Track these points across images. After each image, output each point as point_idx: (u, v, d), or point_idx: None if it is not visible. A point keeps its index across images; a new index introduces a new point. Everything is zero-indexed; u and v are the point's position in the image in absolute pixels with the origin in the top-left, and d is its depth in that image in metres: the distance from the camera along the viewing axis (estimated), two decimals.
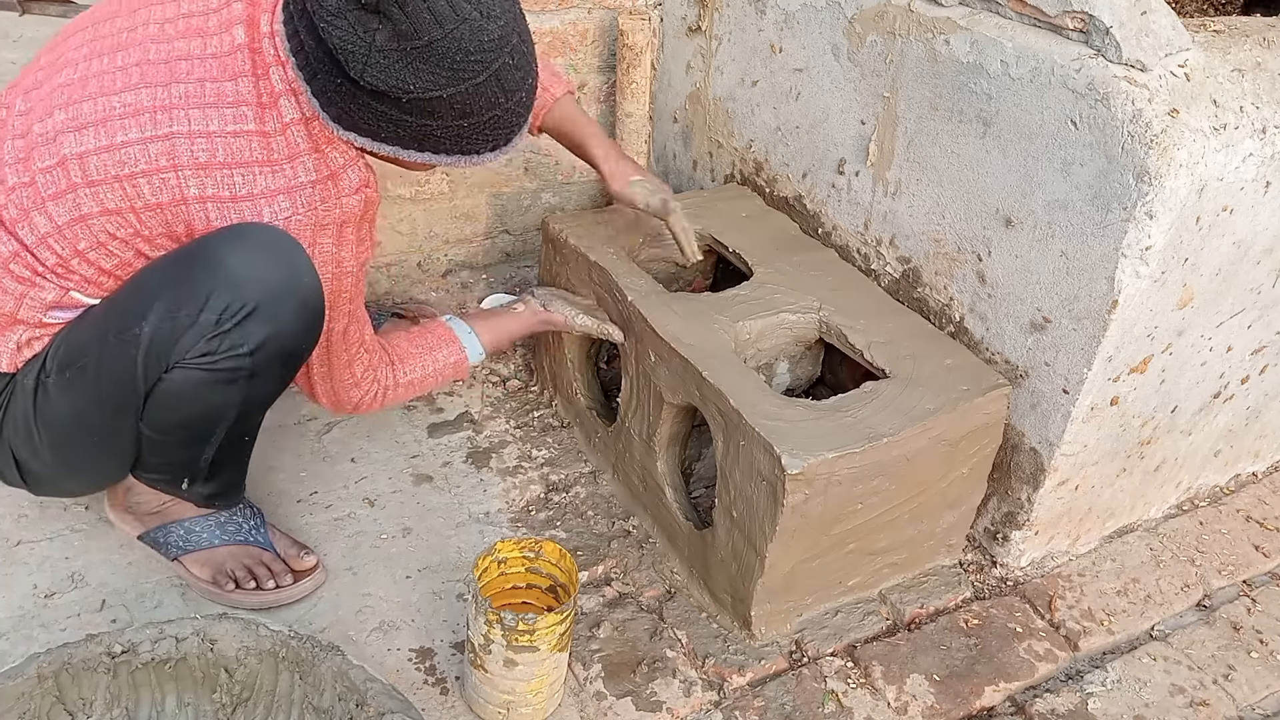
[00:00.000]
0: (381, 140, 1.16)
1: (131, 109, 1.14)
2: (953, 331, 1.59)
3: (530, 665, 1.24)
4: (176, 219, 1.17)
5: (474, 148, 1.19)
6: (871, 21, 1.60)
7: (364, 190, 1.23)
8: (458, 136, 1.16)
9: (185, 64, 1.16)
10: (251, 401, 1.28)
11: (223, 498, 1.44)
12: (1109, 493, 1.63)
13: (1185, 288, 1.39)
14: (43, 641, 1.34)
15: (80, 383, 1.23)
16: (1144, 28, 1.30)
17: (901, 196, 1.63)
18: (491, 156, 1.21)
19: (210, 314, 1.16)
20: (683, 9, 2.06)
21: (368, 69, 1.07)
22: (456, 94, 1.10)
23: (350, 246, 1.24)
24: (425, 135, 1.15)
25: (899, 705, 1.40)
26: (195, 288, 1.16)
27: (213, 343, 1.17)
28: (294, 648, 1.17)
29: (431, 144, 1.16)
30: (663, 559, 1.58)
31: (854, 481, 1.34)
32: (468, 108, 1.13)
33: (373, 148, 1.17)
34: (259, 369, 1.21)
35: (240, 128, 1.15)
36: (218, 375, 1.20)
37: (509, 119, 1.18)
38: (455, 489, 1.69)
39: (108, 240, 1.18)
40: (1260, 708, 1.46)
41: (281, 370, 1.26)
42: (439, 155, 1.18)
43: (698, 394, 1.44)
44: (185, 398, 1.22)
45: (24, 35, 1.80)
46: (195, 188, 1.14)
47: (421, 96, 1.09)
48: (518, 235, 2.30)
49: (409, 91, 1.08)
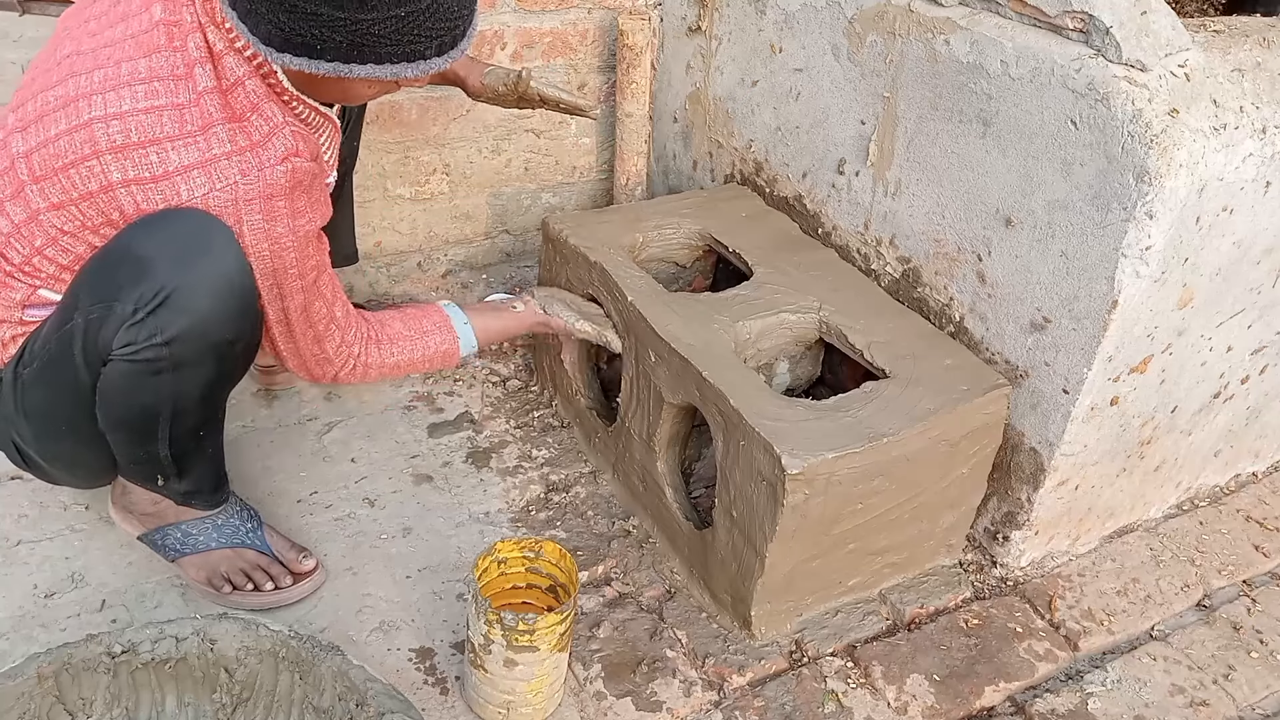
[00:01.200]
0: (319, 55, 1.08)
1: (60, 101, 1.15)
2: (953, 331, 1.59)
3: (530, 665, 1.24)
4: (110, 206, 1.15)
5: (417, 47, 1.10)
6: (871, 21, 1.60)
7: (290, 159, 1.16)
8: (398, 33, 1.07)
9: (107, 50, 1.16)
10: (185, 394, 1.24)
11: (200, 496, 1.43)
12: (1109, 493, 1.63)
13: (1185, 288, 1.39)
14: (43, 641, 1.34)
15: (43, 376, 1.24)
16: (1144, 28, 1.30)
17: (901, 196, 1.63)
18: (439, 61, 1.13)
19: (126, 304, 1.14)
20: (683, 9, 2.06)
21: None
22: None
23: (285, 220, 1.17)
24: (364, 36, 1.06)
25: (899, 705, 1.40)
26: (114, 278, 1.15)
27: (131, 332, 1.15)
28: (294, 648, 1.17)
29: (372, 46, 1.07)
30: (663, 559, 1.58)
31: (854, 481, 1.34)
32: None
33: (312, 68, 1.09)
34: (182, 359, 1.18)
35: (152, 103, 1.12)
36: (140, 367, 1.17)
37: (450, 8, 1.10)
38: (455, 489, 1.69)
39: (59, 236, 1.18)
40: (1260, 708, 1.46)
41: (214, 360, 1.21)
42: (382, 65, 1.09)
43: (698, 394, 1.44)
44: (119, 392, 1.21)
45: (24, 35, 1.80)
46: (118, 172, 1.12)
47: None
48: (518, 235, 2.30)
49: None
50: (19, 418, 1.29)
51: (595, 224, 1.76)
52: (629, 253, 1.71)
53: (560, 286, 1.76)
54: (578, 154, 2.27)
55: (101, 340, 1.17)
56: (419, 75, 1.13)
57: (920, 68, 1.53)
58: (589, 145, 2.27)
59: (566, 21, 2.08)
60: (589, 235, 1.71)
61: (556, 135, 2.21)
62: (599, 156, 2.29)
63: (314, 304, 1.29)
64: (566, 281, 1.74)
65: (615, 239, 1.72)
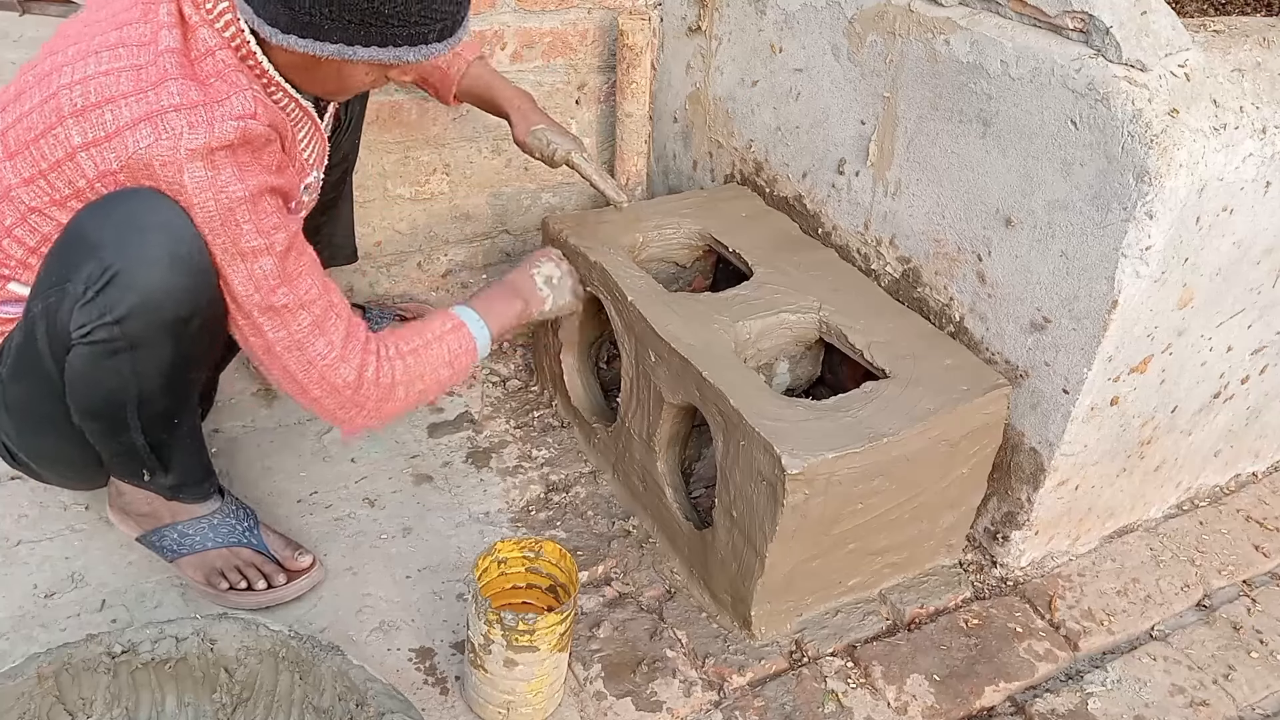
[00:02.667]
0: (324, 35, 1.11)
1: (37, 77, 1.16)
2: (953, 331, 1.59)
3: (530, 665, 1.24)
4: (75, 174, 1.14)
5: (421, 30, 1.13)
6: (871, 21, 1.60)
7: (245, 119, 1.14)
8: (406, 13, 1.11)
9: (88, 29, 1.17)
10: (147, 376, 1.21)
11: (188, 489, 1.42)
12: (1109, 493, 1.63)
13: (1185, 288, 1.39)
14: (43, 641, 1.34)
15: (18, 371, 1.25)
16: (1144, 28, 1.30)
17: (901, 196, 1.63)
18: (439, 46, 1.16)
19: (77, 284, 1.14)
20: (683, 9, 2.06)
21: None
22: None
23: (230, 170, 1.13)
24: (372, 16, 1.10)
25: (899, 705, 1.40)
26: (66, 260, 1.15)
27: (83, 313, 1.14)
28: (294, 648, 1.17)
29: (379, 27, 1.11)
30: (663, 559, 1.58)
31: (854, 481, 1.34)
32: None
33: (316, 49, 1.12)
34: (137, 338, 1.16)
35: (113, 65, 1.12)
36: (97, 349, 1.16)
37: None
38: (455, 489, 1.69)
39: (27, 213, 1.18)
40: (1260, 708, 1.46)
41: (169, 338, 1.19)
42: (385, 48, 1.13)
43: (698, 394, 1.44)
44: (82, 378, 1.20)
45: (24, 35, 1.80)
46: (79, 135, 1.12)
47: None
48: (518, 235, 2.30)
49: None
50: (4, 415, 1.30)
51: (595, 224, 1.76)
52: (629, 253, 1.71)
53: None
54: None
55: (59, 324, 1.17)
56: (419, 59, 1.16)
57: (920, 68, 1.53)
58: (589, 146, 2.26)
59: (566, 21, 2.08)
60: (589, 235, 1.71)
61: None
62: (599, 156, 2.29)
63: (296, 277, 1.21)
64: None
65: (615, 239, 1.72)
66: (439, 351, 1.36)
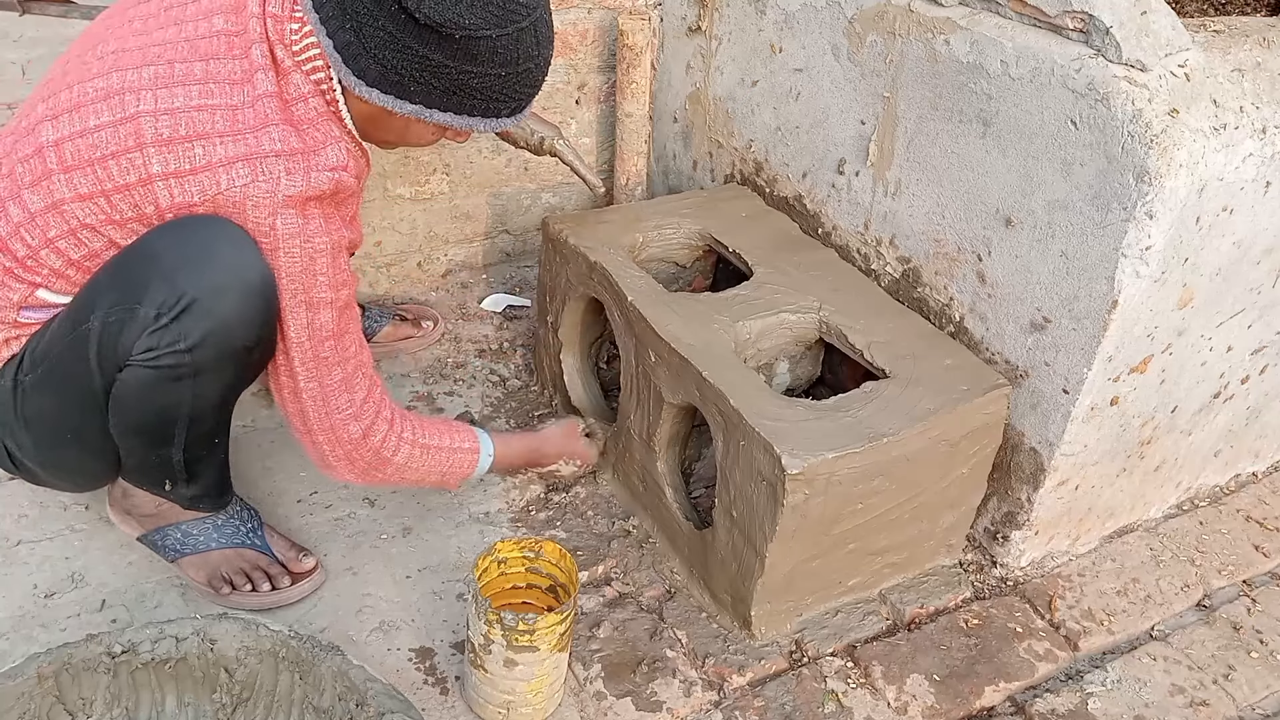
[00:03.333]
0: (409, 95, 1.13)
1: (103, 93, 1.14)
2: (953, 331, 1.59)
3: (530, 665, 1.24)
4: (145, 199, 1.14)
5: (498, 106, 1.18)
6: (871, 21, 1.60)
7: (339, 171, 1.17)
8: (489, 90, 1.15)
9: (158, 49, 1.16)
10: (203, 400, 1.24)
11: (207, 500, 1.43)
12: (1109, 493, 1.63)
13: (1185, 288, 1.39)
14: (43, 641, 1.34)
15: (49, 381, 1.23)
16: (1144, 28, 1.30)
17: (901, 196, 1.63)
18: (510, 120, 1.21)
19: (149, 308, 1.14)
20: (683, 9, 2.06)
21: (425, 1, 1.06)
22: (502, 37, 1.10)
23: (318, 221, 1.17)
24: (460, 87, 1.13)
25: (899, 705, 1.40)
26: (136, 281, 1.15)
27: (153, 338, 1.15)
28: (294, 648, 1.17)
29: (460, 97, 1.14)
30: (663, 559, 1.58)
31: (854, 481, 1.34)
32: (508, 55, 1.12)
33: (396, 106, 1.15)
34: (203, 365, 1.18)
35: (206, 102, 1.13)
36: (161, 373, 1.17)
37: (535, 76, 1.18)
38: (455, 489, 1.69)
39: (78, 228, 1.17)
40: (1260, 708, 1.46)
41: (233, 366, 1.21)
42: (462, 115, 1.17)
43: (698, 394, 1.44)
44: (136, 397, 1.21)
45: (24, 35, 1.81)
46: (159, 164, 1.12)
47: (473, 35, 1.09)
48: (518, 235, 2.30)
49: (463, 27, 1.08)
50: (18, 425, 1.28)
51: (595, 224, 1.76)
52: (629, 253, 1.71)
53: (560, 287, 1.75)
54: None
55: (121, 345, 1.16)
56: (488, 130, 1.20)
57: (920, 68, 1.53)
58: (589, 145, 2.26)
59: (566, 21, 2.08)
60: (589, 235, 1.71)
61: None
62: (599, 156, 2.29)
63: (345, 326, 1.26)
64: (567, 282, 1.73)
65: (615, 239, 1.72)
66: (444, 461, 1.42)
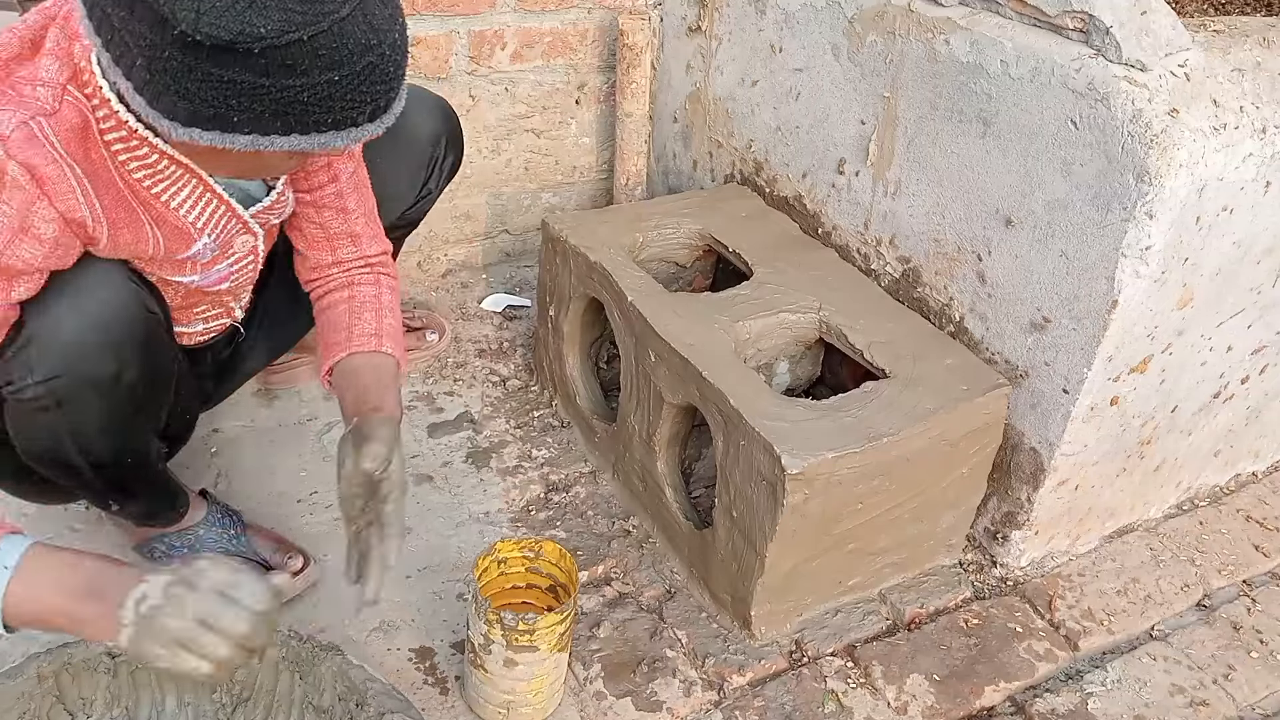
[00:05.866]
0: (235, 127, 0.91)
1: None
2: (953, 331, 1.59)
3: (530, 665, 1.24)
4: None
5: (350, 114, 0.94)
6: (871, 21, 1.60)
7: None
8: (329, 99, 0.91)
9: None
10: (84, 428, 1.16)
11: (159, 518, 1.41)
12: (1109, 493, 1.63)
13: (1185, 288, 1.39)
14: (43, 641, 1.34)
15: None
16: (1144, 28, 1.30)
17: (901, 196, 1.63)
18: (372, 128, 0.97)
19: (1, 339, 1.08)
20: (683, 9, 2.06)
21: (202, 18, 0.84)
22: (319, 35, 0.87)
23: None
24: (289, 104, 0.90)
25: (899, 705, 1.40)
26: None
27: (6, 369, 1.09)
28: (294, 648, 1.17)
29: (298, 115, 0.91)
30: (663, 559, 1.58)
31: (854, 481, 1.34)
32: (337, 55, 0.89)
33: (226, 143, 0.92)
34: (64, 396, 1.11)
35: None
36: (25, 404, 1.11)
37: (385, 69, 0.93)
38: (455, 489, 1.69)
39: None
40: (1260, 708, 1.46)
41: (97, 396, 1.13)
42: (309, 135, 0.93)
43: (698, 394, 1.44)
44: (17, 429, 1.16)
45: None
46: None
47: (277, 43, 0.86)
48: (518, 235, 2.30)
49: (260, 37, 0.85)
50: None
51: (595, 224, 1.76)
52: (629, 253, 1.71)
53: (560, 286, 1.75)
54: (578, 154, 2.27)
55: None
56: (348, 144, 0.97)
57: (920, 68, 1.53)
58: (589, 145, 2.27)
59: (566, 21, 2.08)
60: (589, 235, 1.71)
61: (557, 135, 2.21)
62: (599, 156, 2.29)
63: None
64: (567, 282, 1.74)
65: (615, 239, 1.72)
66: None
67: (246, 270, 1.32)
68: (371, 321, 1.33)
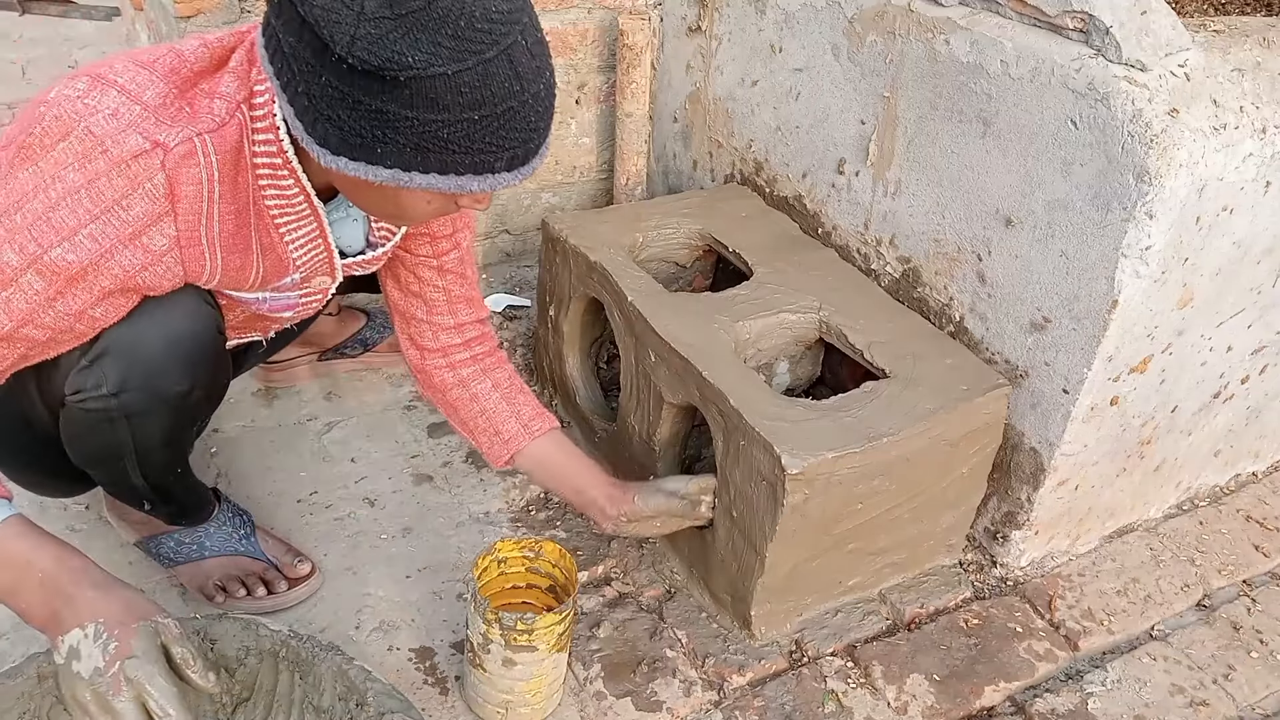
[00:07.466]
0: (378, 159, 0.94)
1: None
2: (953, 331, 1.59)
3: (529, 665, 1.24)
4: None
5: (488, 159, 0.95)
6: (871, 21, 1.60)
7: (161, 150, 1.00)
8: (469, 138, 0.93)
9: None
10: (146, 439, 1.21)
11: (187, 517, 1.43)
12: (1109, 493, 1.63)
13: (1185, 288, 1.39)
14: (43, 641, 1.33)
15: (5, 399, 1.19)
16: (1144, 28, 1.30)
17: (901, 196, 1.63)
18: (509, 176, 0.98)
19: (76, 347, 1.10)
20: (683, 9, 2.06)
21: (356, 42, 0.87)
22: (464, 72, 0.89)
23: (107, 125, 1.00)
24: (430, 139, 0.92)
25: (899, 705, 1.40)
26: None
27: (79, 378, 1.12)
28: (294, 648, 1.17)
29: (438, 153, 0.93)
30: (663, 559, 1.58)
31: (854, 481, 1.34)
32: (479, 94, 0.91)
33: (369, 175, 0.95)
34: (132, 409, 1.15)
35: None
36: (92, 415, 1.14)
37: (527, 117, 0.95)
38: (455, 489, 1.69)
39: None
40: (1260, 708, 1.46)
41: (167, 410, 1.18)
42: (447, 175, 0.95)
43: (698, 394, 1.44)
44: (78, 435, 1.19)
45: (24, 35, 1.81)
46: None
47: (423, 74, 0.88)
48: (518, 235, 2.30)
49: (407, 66, 0.88)
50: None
51: (595, 224, 1.76)
52: (629, 253, 1.71)
53: (560, 286, 1.75)
54: (578, 154, 2.27)
55: (55, 380, 1.13)
56: (485, 190, 0.98)
57: (920, 67, 1.53)
58: (589, 145, 2.27)
59: (566, 21, 2.08)
60: (589, 235, 1.71)
61: (557, 135, 2.21)
62: (599, 156, 2.29)
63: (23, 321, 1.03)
64: (567, 282, 1.73)
65: (615, 239, 1.72)
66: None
67: (312, 305, 1.34)
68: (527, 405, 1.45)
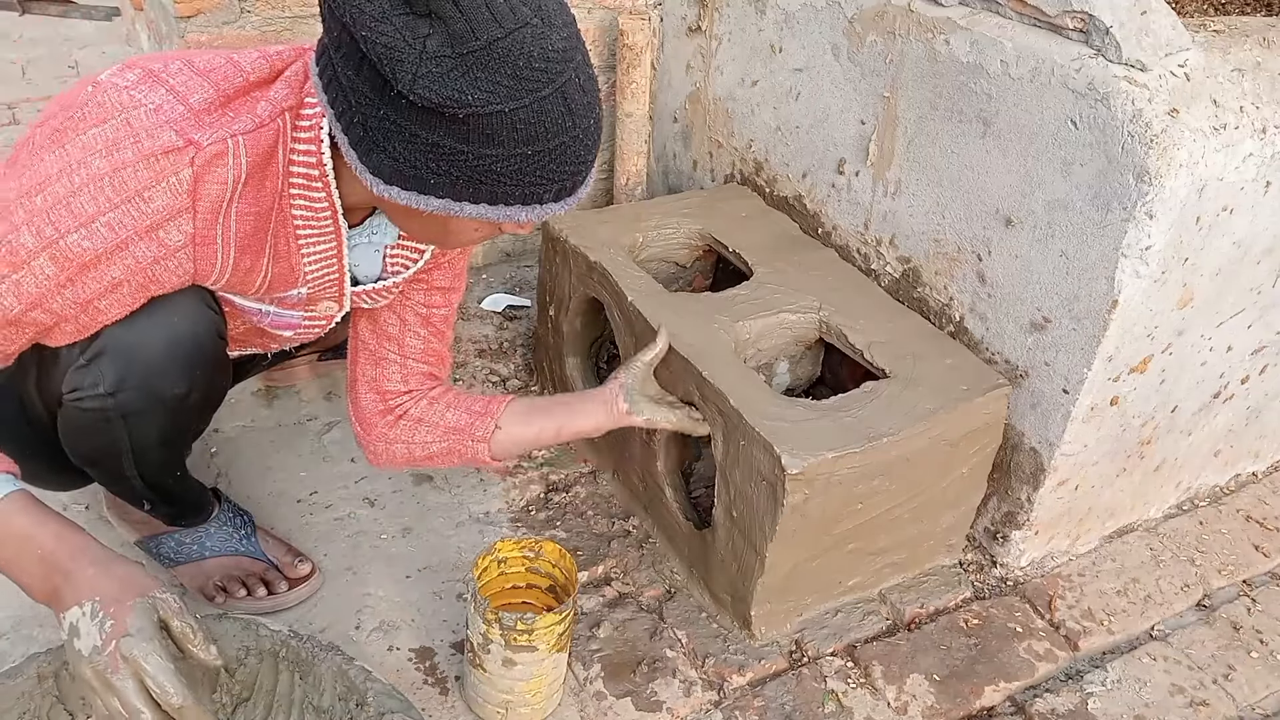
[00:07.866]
0: (430, 189, 0.97)
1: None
2: (953, 331, 1.59)
3: (529, 665, 1.24)
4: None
5: (537, 191, 0.99)
6: (871, 21, 1.60)
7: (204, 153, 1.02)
8: (520, 172, 0.96)
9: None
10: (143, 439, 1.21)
11: (187, 517, 1.43)
12: (1109, 493, 1.63)
13: (1185, 288, 1.39)
14: (43, 641, 1.34)
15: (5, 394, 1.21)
16: (1144, 28, 1.30)
17: (901, 196, 1.63)
18: (556, 207, 1.01)
19: (74, 346, 1.11)
20: (683, 9, 2.06)
21: (418, 80, 0.90)
22: (520, 109, 0.93)
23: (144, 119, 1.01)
24: (483, 172, 0.95)
25: (899, 705, 1.40)
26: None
27: (76, 376, 1.12)
28: (294, 648, 1.17)
29: (490, 185, 0.96)
30: (663, 559, 1.58)
31: (854, 481, 1.34)
32: (533, 130, 0.94)
33: (420, 204, 0.98)
34: (129, 409, 1.15)
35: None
36: (89, 414, 1.14)
37: (577, 152, 0.99)
38: (455, 489, 1.69)
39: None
40: (1260, 708, 1.46)
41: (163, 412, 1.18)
42: (496, 205, 0.98)
43: (698, 394, 1.44)
44: (75, 434, 1.19)
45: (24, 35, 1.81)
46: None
47: (481, 111, 0.91)
48: (518, 235, 2.30)
49: (467, 104, 0.91)
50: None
51: (595, 224, 1.76)
52: (629, 253, 1.71)
53: (560, 286, 1.76)
54: None
55: (53, 378, 1.14)
56: (532, 219, 1.02)
57: (920, 67, 1.53)
58: None
59: None
60: (589, 235, 1.71)
61: None
62: (599, 156, 2.29)
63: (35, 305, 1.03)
64: (567, 282, 1.74)
65: (615, 239, 1.72)
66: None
67: (314, 330, 1.34)
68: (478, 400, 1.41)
